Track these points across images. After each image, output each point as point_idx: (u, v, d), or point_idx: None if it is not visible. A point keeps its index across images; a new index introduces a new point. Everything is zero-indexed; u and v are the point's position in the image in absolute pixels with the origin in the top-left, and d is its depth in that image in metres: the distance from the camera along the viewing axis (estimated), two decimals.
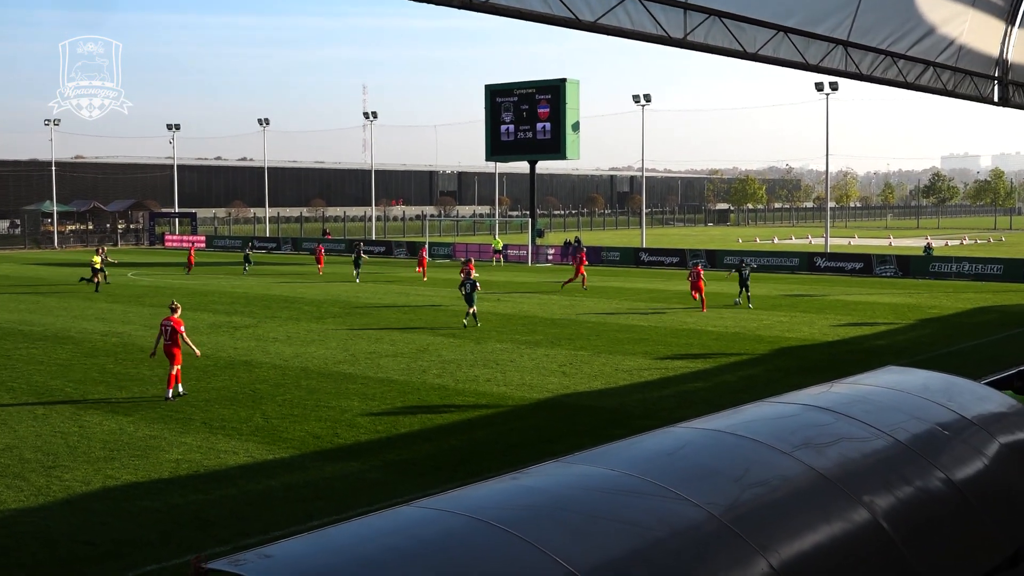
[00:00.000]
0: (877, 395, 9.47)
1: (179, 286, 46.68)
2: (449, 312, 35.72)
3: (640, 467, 7.34)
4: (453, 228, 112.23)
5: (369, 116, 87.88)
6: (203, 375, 23.27)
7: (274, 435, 17.61)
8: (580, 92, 69.20)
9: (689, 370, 24.11)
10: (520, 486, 7.21)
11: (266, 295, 42.20)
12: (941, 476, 8.27)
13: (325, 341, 28.82)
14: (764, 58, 18.72)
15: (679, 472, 7.40)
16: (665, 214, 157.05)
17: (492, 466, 15.35)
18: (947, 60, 23.43)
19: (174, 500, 14.03)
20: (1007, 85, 26.54)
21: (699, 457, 7.75)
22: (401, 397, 20.84)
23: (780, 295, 42.18)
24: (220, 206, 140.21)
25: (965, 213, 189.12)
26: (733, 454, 7.75)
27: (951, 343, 28.56)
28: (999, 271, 49.41)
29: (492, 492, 7.15)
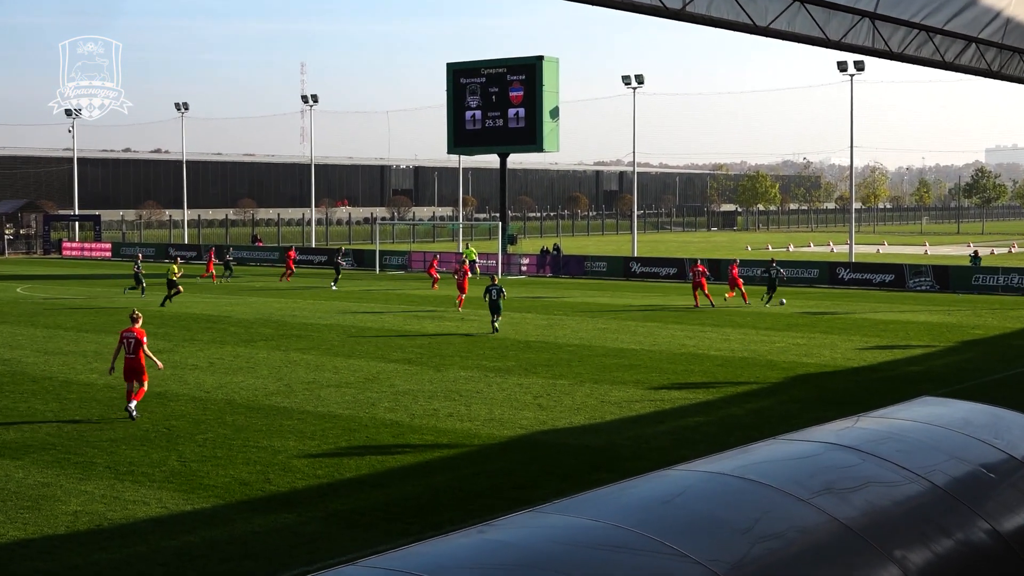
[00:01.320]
0: (911, 431, 9.52)
1: (81, 304, 46.40)
2: (404, 335, 35.69)
3: (631, 517, 7.33)
4: (408, 233, 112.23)
5: (308, 100, 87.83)
6: (107, 409, 23.11)
7: (193, 481, 17.50)
8: (560, 72, 69.57)
9: (689, 402, 24.17)
10: (487, 541, 7.19)
11: (184, 314, 42.00)
12: (986, 527, 8.32)
13: (255, 369, 28.70)
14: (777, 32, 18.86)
15: (677, 523, 7.40)
16: (660, 217, 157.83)
17: (454, 517, 15.32)
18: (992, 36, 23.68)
19: (72, 560, 13.90)
20: None
21: (700, 505, 7.76)
22: (346, 435, 20.77)
23: (796, 312, 42.43)
24: (129, 207, 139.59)
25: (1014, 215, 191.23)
26: (741, 502, 7.76)
27: (997, 370, 28.80)
28: None
29: (454, 549, 7.12)
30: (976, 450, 9.31)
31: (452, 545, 7.22)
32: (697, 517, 7.55)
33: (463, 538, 7.34)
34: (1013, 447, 9.57)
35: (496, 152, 71.60)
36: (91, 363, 29.45)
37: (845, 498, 7.99)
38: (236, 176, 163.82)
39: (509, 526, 7.55)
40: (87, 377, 27.25)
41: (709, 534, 7.26)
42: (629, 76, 72.12)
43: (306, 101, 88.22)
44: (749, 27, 18.25)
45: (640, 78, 71.94)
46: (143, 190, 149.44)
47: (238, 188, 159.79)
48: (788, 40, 19.21)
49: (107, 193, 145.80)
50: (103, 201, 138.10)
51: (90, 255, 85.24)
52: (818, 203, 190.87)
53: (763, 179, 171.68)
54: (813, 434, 9.69)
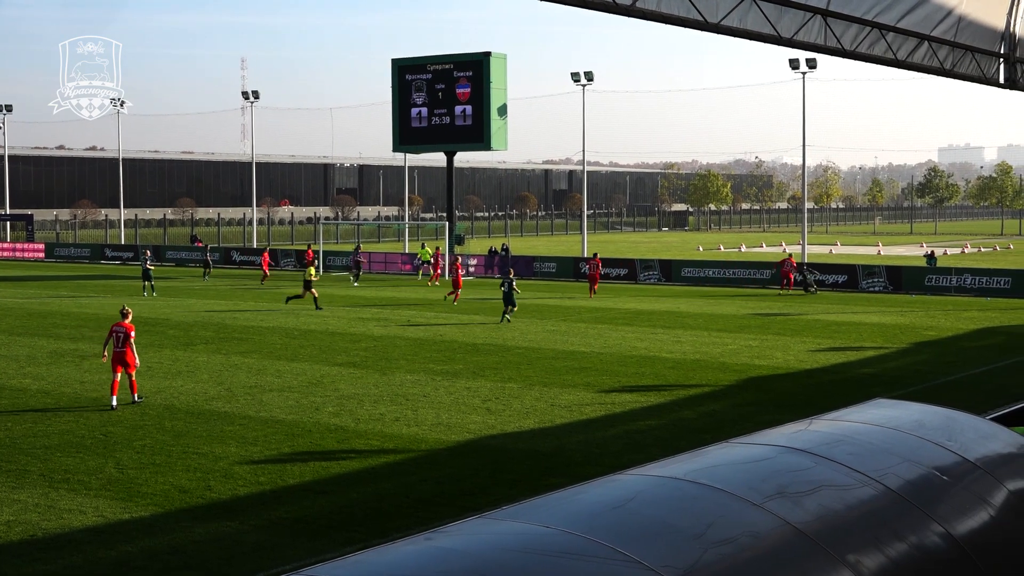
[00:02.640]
0: (864, 434, 9.61)
1: (12, 305, 45.87)
2: (348, 337, 35.58)
3: (581, 523, 7.36)
4: (353, 233, 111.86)
5: (249, 96, 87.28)
6: (41, 416, 22.88)
7: (130, 489, 17.36)
8: (508, 69, 69.54)
9: (640, 405, 24.28)
10: (435, 548, 7.18)
11: None
12: (939, 530, 8.42)
13: (194, 373, 28.51)
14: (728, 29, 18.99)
15: (628, 529, 7.43)
16: (611, 216, 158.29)
17: (401, 524, 15.31)
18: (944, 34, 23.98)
19: (5, 572, 13.75)
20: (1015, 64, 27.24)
21: (652, 510, 7.79)
22: (289, 441, 20.69)
23: (748, 314, 42.73)
24: (63, 206, 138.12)
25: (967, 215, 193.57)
26: (693, 506, 7.80)
27: (951, 371, 29.15)
28: (1007, 285, 50.61)
29: (401, 556, 7.11)
30: (930, 453, 9.42)
31: (399, 553, 7.21)
32: (649, 522, 7.59)
33: (410, 546, 7.33)
34: (966, 449, 9.69)
35: (443, 150, 71.45)
36: (23, 367, 29.14)
37: (798, 502, 8.05)
38: (175, 174, 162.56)
39: (458, 533, 7.55)
40: (19, 382, 26.96)
41: (661, 539, 7.29)
42: (579, 73, 72.29)
43: (247, 97, 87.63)
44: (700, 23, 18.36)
45: (590, 75, 72.13)
46: (77, 189, 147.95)
47: (177, 187, 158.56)
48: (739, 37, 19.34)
49: (40, 192, 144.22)
50: (35, 200, 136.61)
51: (22, 256, 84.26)
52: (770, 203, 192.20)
53: (715, 178, 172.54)
54: (766, 437, 9.75)
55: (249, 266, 72.00)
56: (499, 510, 8.01)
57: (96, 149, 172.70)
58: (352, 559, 7.13)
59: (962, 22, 24.13)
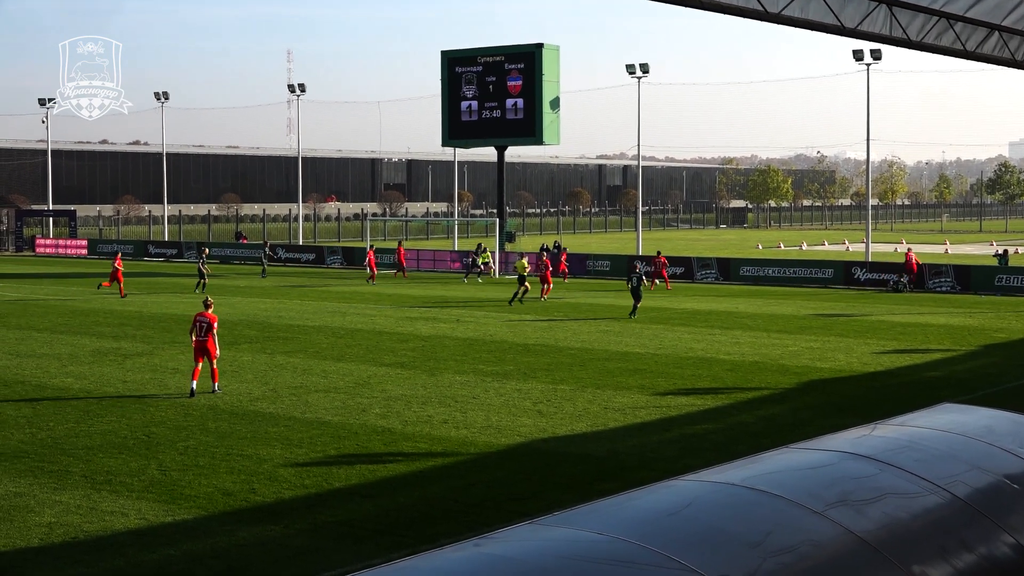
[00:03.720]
0: (930, 440, 9.53)
1: (55, 304, 46.41)
2: (395, 337, 35.70)
3: (635, 530, 7.34)
4: (401, 230, 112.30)
5: (296, 90, 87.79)
6: (84, 416, 23.11)
7: (173, 491, 17.50)
8: (560, 60, 69.54)
9: (696, 409, 24.19)
10: (484, 555, 7.19)
11: (164, 315, 42.00)
12: (1010, 540, 8.33)
13: (239, 372, 28.70)
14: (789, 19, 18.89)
15: (684, 536, 7.41)
16: (667, 213, 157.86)
17: (449, 530, 15.32)
18: (1016, 23, 23.71)
19: (46, 573, 13.89)
20: None
21: (708, 517, 7.77)
22: (335, 443, 20.77)
23: (810, 315, 42.46)
24: (106, 202, 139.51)
25: None
26: (751, 514, 7.77)
27: (1022, 375, 28.82)
28: None
29: (449, 563, 7.13)
30: (999, 460, 9.33)
31: (447, 559, 7.23)
32: (705, 530, 7.56)
33: (459, 552, 7.35)
34: None
35: (493, 145, 71.53)
36: (66, 366, 29.45)
37: (861, 510, 8.00)
38: (219, 170, 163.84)
39: (507, 539, 7.55)
40: (62, 381, 27.26)
41: (718, 548, 7.27)
42: (634, 65, 72.09)
43: (293, 91, 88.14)
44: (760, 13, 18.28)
45: (645, 67, 71.91)
46: (121, 184, 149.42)
47: (221, 182, 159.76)
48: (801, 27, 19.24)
49: (83, 187, 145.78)
50: (78, 196, 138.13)
51: (65, 252, 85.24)
52: (832, 199, 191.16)
53: (775, 174, 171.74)
54: (827, 443, 9.70)
55: (295, 264, 72.42)
56: (550, 516, 8.01)
57: (139, 144, 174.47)
58: (399, 565, 7.15)
59: None
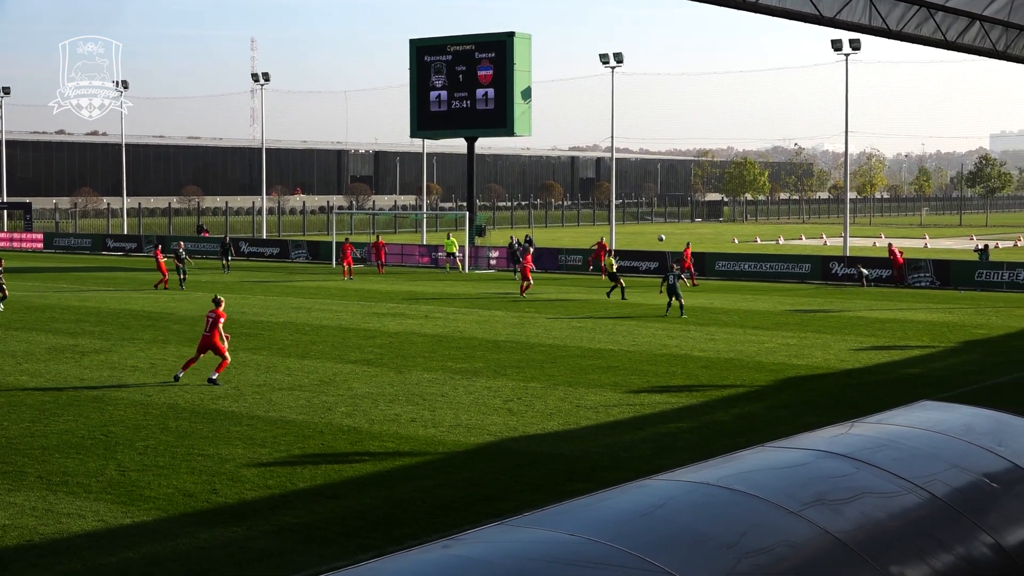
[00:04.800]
0: (908, 438, 9.58)
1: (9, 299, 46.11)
2: (362, 333, 35.64)
3: (608, 531, 7.36)
4: (368, 223, 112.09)
5: (259, 79, 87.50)
6: (39, 415, 22.99)
7: (132, 492, 17.43)
8: (532, 50, 69.47)
9: (670, 406, 24.25)
10: (453, 557, 7.20)
11: (123, 310, 41.81)
12: (988, 540, 8.39)
13: (200, 371, 28.59)
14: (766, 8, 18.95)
15: (658, 537, 7.43)
16: (641, 207, 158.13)
17: (417, 531, 15.32)
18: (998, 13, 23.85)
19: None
20: None
21: (682, 518, 7.79)
22: (299, 442, 20.73)
23: (786, 310, 42.61)
24: (63, 194, 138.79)
25: (1020, 207, 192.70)
26: (726, 514, 7.80)
27: (1002, 372, 29.02)
28: None
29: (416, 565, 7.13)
30: (979, 458, 9.39)
31: (415, 561, 7.23)
32: (679, 530, 7.58)
33: (427, 554, 7.35)
34: (1018, 455, 9.65)
35: (463, 136, 71.44)
36: (20, 364, 29.29)
37: (838, 510, 8.04)
38: (180, 161, 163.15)
39: (477, 541, 7.56)
40: (16, 379, 27.10)
41: (692, 549, 7.29)
42: (607, 55, 72.15)
43: (257, 80, 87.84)
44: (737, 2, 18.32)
45: (619, 57, 71.99)
46: (78, 176, 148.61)
47: (182, 174, 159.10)
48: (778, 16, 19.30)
49: (39, 179, 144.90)
50: (34, 188, 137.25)
51: (20, 247, 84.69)
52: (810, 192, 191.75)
53: (751, 166, 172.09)
54: (804, 441, 9.74)
55: (259, 258, 72.21)
56: (520, 517, 8.02)
57: (98, 135, 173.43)
58: (365, 567, 7.15)
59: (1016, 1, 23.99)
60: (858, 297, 48.13)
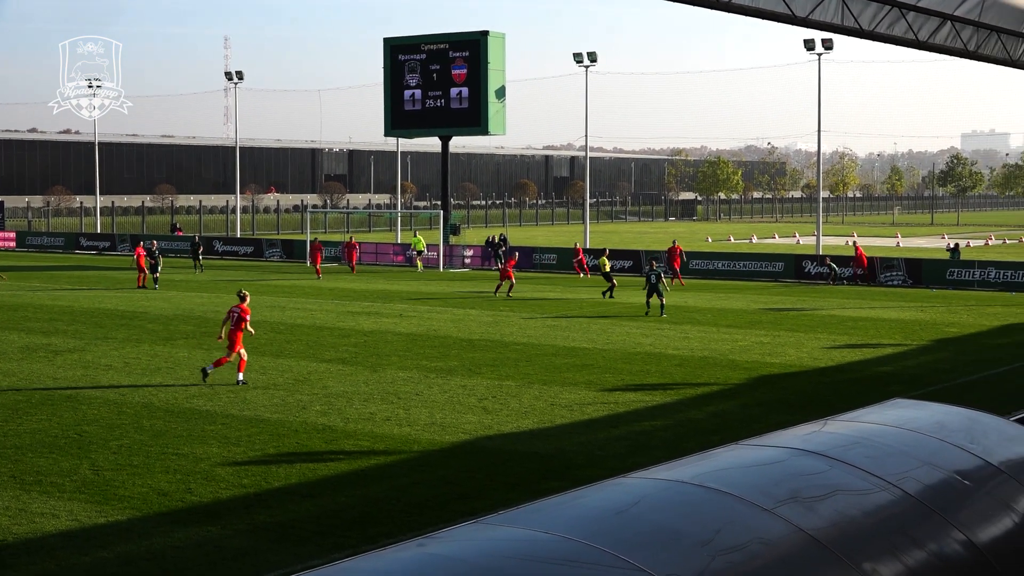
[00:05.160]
0: (881, 436, 9.63)
1: None
2: (336, 332, 35.58)
3: (582, 529, 7.37)
4: (342, 222, 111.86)
5: (233, 77, 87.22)
6: (12, 414, 22.87)
7: (106, 492, 17.37)
8: (506, 49, 69.47)
9: (645, 405, 24.29)
10: (428, 555, 7.20)
11: (96, 309, 41.63)
12: (960, 537, 8.44)
13: (174, 369, 28.51)
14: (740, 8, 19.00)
15: (632, 535, 7.44)
16: (615, 205, 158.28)
17: (392, 530, 15.31)
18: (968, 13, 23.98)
19: None
20: None
21: (657, 516, 7.81)
22: (274, 441, 20.69)
23: (760, 309, 42.73)
24: (35, 192, 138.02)
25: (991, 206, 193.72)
26: (700, 512, 7.82)
27: (974, 370, 29.17)
28: None
29: (392, 563, 7.13)
30: (950, 456, 9.44)
31: (390, 560, 7.22)
32: (654, 528, 7.60)
33: (402, 552, 7.35)
34: (989, 453, 9.70)
35: (437, 135, 71.37)
36: None
37: (811, 507, 8.07)
38: (153, 160, 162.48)
39: (452, 539, 7.56)
40: None
41: (667, 546, 7.31)
42: (581, 54, 72.22)
43: (230, 78, 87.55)
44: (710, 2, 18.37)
45: (593, 56, 72.05)
46: (51, 174, 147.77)
47: (156, 173, 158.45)
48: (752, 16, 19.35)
49: (11, 177, 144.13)
50: (6, 186, 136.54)
51: None
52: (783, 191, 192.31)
53: (725, 165, 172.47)
54: (777, 439, 9.77)
55: (233, 257, 71.97)
56: (495, 515, 8.03)
57: (71, 132, 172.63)
58: (341, 566, 7.14)
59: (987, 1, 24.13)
60: (831, 295, 48.30)
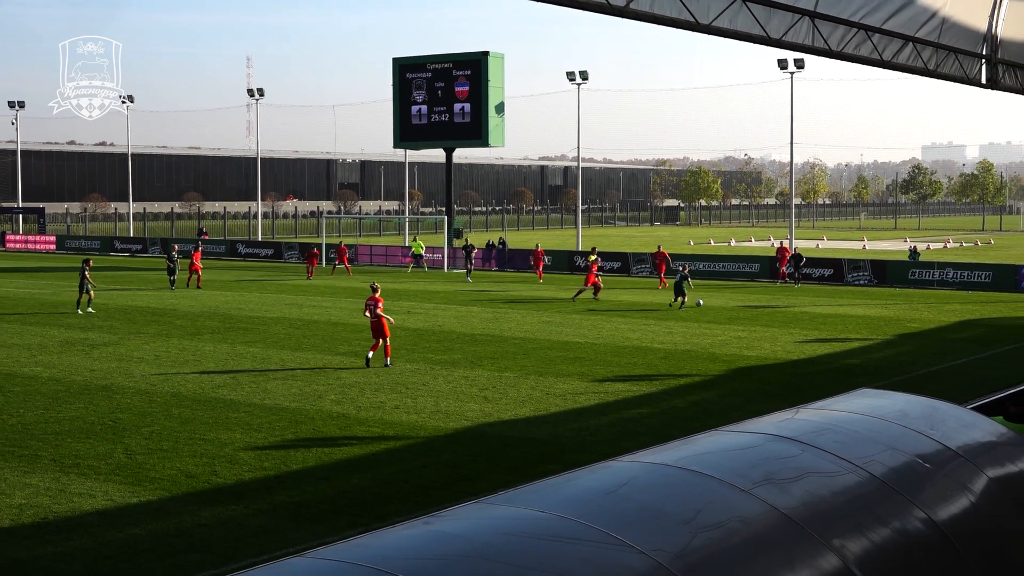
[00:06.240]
0: (849, 423, 9.62)
1: (24, 296, 45.83)
2: (350, 327, 35.56)
3: (575, 508, 7.36)
4: (355, 227, 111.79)
5: (255, 94, 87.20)
6: (53, 402, 22.86)
7: (139, 474, 17.37)
8: (505, 67, 69.53)
9: (632, 394, 24.29)
10: (434, 532, 7.19)
11: (130, 306, 41.61)
12: (921, 516, 8.43)
13: (201, 361, 28.50)
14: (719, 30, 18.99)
15: (620, 514, 7.43)
16: (605, 211, 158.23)
17: (400, 509, 15.32)
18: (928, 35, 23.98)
19: (16, 554, 13.74)
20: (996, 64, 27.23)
21: (643, 496, 7.80)
22: (292, 428, 20.69)
23: (738, 306, 42.72)
24: (74, 200, 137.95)
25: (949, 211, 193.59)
26: (683, 492, 7.81)
27: (933, 362, 29.18)
28: (988, 279, 50.60)
29: (400, 540, 7.12)
30: (912, 441, 9.43)
31: (399, 536, 7.21)
32: (640, 507, 7.59)
33: (410, 529, 7.34)
34: (948, 438, 9.70)
35: (442, 147, 71.41)
36: (35, 355, 29.11)
37: (785, 488, 8.06)
38: (182, 169, 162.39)
39: (455, 517, 7.55)
40: (31, 370, 26.93)
41: (652, 524, 7.30)
42: (574, 72, 72.18)
43: (252, 95, 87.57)
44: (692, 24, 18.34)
45: (584, 74, 72.02)
46: (88, 183, 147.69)
47: (184, 181, 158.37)
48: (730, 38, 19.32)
49: (51, 186, 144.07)
50: (47, 194, 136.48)
51: (34, 248, 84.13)
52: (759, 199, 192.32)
53: (705, 175, 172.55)
54: (754, 426, 9.77)
55: (254, 259, 71.95)
56: (495, 495, 8.02)
57: (106, 144, 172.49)
58: (353, 542, 7.13)
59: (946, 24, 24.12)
60: (802, 294, 48.28)
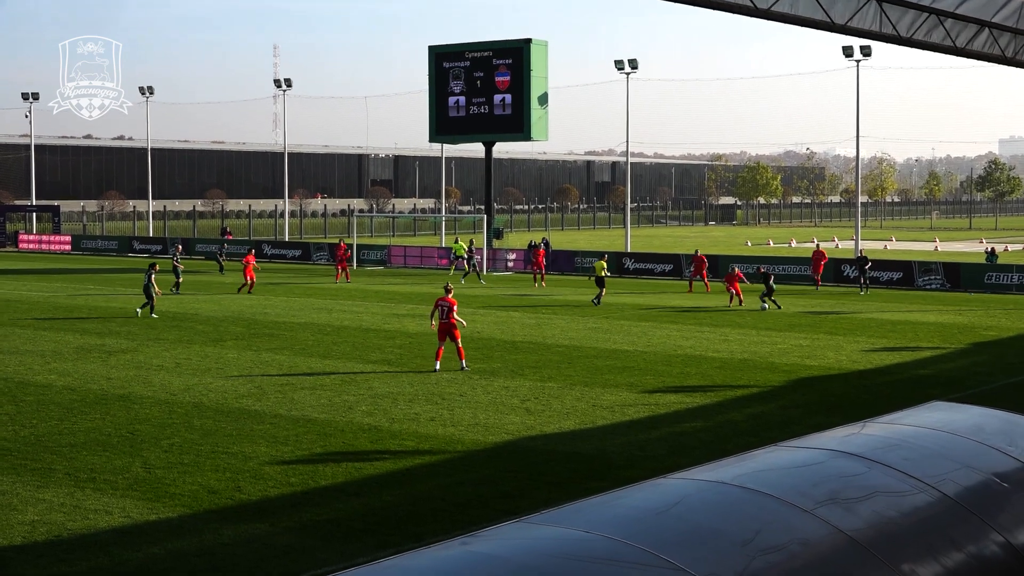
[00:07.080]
0: (920, 438, 9.56)
1: (39, 299, 46.28)
2: (382, 334, 35.66)
3: (623, 529, 7.35)
4: (388, 227, 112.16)
5: (282, 84, 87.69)
6: (67, 413, 23.05)
7: (158, 489, 17.47)
8: (549, 56, 69.51)
9: (685, 406, 24.21)
10: (471, 553, 7.20)
11: None
12: (999, 539, 8.36)
13: (224, 369, 28.65)
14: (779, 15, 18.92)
15: (672, 535, 7.42)
16: (655, 210, 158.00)
17: (436, 528, 15.32)
18: (1007, 20, 23.77)
19: (28, 573, 13.86)
20: None
21: (697, 516, 7.78)
22: (321, 441, 20.75)
23: (799, 312, 42.51)
24: (90, 197, 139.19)
25: None
26: (740, 512, 7.78)
27: (1012, 373, 28.91)
28: None
29: (435, 561, 7.13)
30: (989, 458, 9.35)
31: (434, 558, 7.23)
32: (694, 528, 7.58)
33: (446, 550, 7.35)
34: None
35: (481, 140, 71.50)
36: (49, 363, 29.37)
37: (850, 508, 8.02)
38: (204, 165, 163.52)
39: (495, 538, 7.56)
40: (45, 378, 27.19)
41: (706, 546, 7.28)
42: (622, 61, 72.09)
43: (279, 85, 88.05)
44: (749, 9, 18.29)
45: (634, 63, 71.91)
46: (105, 179, 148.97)
47: (206, 178, 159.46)
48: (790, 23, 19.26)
49: (67, 182, 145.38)
50: (62, 191, 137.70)
51: (48, 248, 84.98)
52: (822, 196, 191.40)
53: (764, 170, 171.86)
54: (816, 441, 9.72)
55: (281, 260, 72.31)
56: (538, 514, 8.02)
57: (124, 139, 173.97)
58: (385, 563, 7.15)
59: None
60: (869, 299, 47.98)
